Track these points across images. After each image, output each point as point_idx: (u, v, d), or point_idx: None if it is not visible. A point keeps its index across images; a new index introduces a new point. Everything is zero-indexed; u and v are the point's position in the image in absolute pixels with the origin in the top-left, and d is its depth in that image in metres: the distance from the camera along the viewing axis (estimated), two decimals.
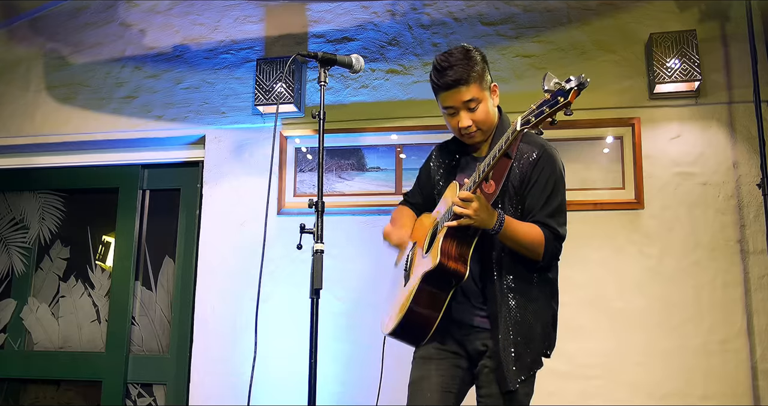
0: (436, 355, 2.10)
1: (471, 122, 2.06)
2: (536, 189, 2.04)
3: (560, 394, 2.98)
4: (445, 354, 2.10)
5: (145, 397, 3.66)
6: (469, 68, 2.01)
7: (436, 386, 2.06)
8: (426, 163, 2.36)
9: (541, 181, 2.04)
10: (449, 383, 2.07)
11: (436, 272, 1.95)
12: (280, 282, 3.34)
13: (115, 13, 3.89)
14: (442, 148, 2.32)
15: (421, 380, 2.09)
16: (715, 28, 3.21)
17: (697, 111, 3.17)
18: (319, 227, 2.02)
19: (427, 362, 2.11)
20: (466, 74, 2.01)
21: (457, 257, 1.96)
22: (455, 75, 2.01)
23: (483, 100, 2.06)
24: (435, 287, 2.00)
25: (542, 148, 2.08)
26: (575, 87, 1.66)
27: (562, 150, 3.26)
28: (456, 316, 2.07)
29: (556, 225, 2.04)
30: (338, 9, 3.61)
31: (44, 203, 4.02)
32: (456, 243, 1.98)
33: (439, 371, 2.08)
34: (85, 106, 3.82)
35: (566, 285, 3.05)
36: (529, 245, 2.00)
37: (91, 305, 3.84)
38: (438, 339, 2.08)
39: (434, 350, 2.11)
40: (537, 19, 3.39)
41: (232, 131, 3.63)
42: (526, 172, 2.05)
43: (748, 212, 3.04)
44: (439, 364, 2.09)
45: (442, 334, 2.07)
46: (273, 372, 3.20)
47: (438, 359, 2.10)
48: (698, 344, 2.97)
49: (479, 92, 2.04)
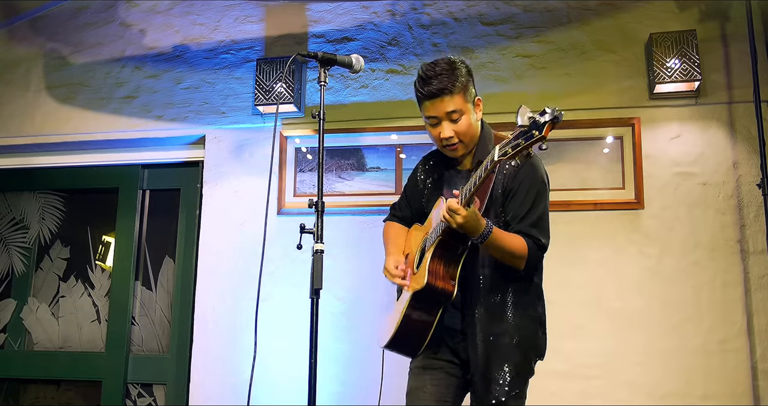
0: (430, 365, 2.12)
1: (453, 133, 2.06)
2: (518, 199, 2.04)
3: (560, 394, 2.98)
4: (439, 363, 2.11)
5: (145, 397, 3.66)
6: (453, 79, 2.02)
7: (430, 396, 2.08)
8: (413, 175, 2.37)
9: (522, 190, 2.04)
10: (444, 393, 2.09)
11: (424, 292, 1.99)
12: (280, 282, 3.34)
13: (115, 13, 3.88)
14: (426, 159, 2.34)
15: (417, 390, 2.12)
16: (715, 28, 3.21)
17: (697, 111, 3.17)
18: (319, 227, 2.02)
19: (422, 373, 2.13)
20: (450, 84, 2.01)
21: (444, 275, 2.00)
22: (440, 84, 2.01)
23: (466, 113, 2.06)
24: (424, 304, 2.04)
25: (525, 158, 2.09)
26: (549, 121, 1.64)
27: (562, 150, 3.30)
28: (448, 323, 2.09)
29: (539, 235, 2.03)
30: (338, 9, 3.61)
31: (44, 203, 4.02)
32: (443, 262, 2.01)
33: (434, 382, 2.10)
34: (85, 106, 3.82)
35: (566, 285, 3.08)
36: (513, 254, 1.99)
37: (91, 305, 3.84)
38: (432, 349, 2.10)
39: (429, 360, 2.13)
40: (537, 19, 3.39)
41: (232, 131, 3.63)
42: (508, 182, 2.06)
43: (748, 212, 3.04)
44: (434, 374, 2.11)
45: (437, 343, 2.10)
46: (273, 372, 3.20)
47: (432, 369, 2.11)
48: (698, 344, 2.97)
49: (463, 104, 2.05)
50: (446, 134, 2.06)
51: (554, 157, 3.24)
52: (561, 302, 3.07)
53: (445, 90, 2.01)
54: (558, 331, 3.03)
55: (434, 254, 2.00)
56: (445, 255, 2.01)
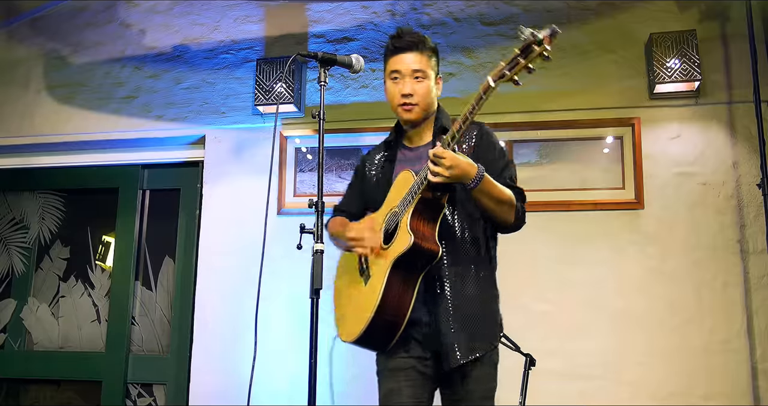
0: (402, 365, 2.06)
1: (413, 91, 2.09)
2: (491, 157, 2.07)
3: (560, 394, 2.98)
4: (410, 362, 2.06)
5: (145, 397, 3.66)
6: (424, 41, 2.12)
7: (408, 398, 2.03)
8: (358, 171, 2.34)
9: (492, 150, 2.10)
10: (419, 393, 2.04)
11: (409, 254, 1.91)
12: (280, 282, 3.34)
13: (115, 13, 3.88)
14: (369, 154, 2.34)
15: (392, 393, 2.05)
16: (715, 28, 3.21)
17: (697, 111, 3.17)
18: (319, 227, 2.01)
19: (394, 374, 2.07)
20: (421, 44, 2.10)
21: (428, 235, 1.95)
22: (411, 39, 2.10)
23: (428, 79, 2.11)
24: (406, 272, 1.96)
25: (479, 125, 2.14)
26: (549, 34, 1.69)
27: (562, 150, 3.30)
28: (413, 316, 2.01)
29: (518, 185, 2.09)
30: (338, 9, 3.61)
31: (44, 203, 4.02)
32: (424, 222, 1.96)
33: (408, 383, 2.04)
34: (85, 106, 3.82)
35: (566, 285, 3.08)
36: (505, 200, 1.99)
37: (91, 305, 3.84)
38: (401, 347, 2.05)
39: (398, 360, 2.06)
40: (537, 19, 3.39)
41: (232, 131, 3.63)
42: (474, 148, 2.09)
43: (748, 212, 3.04)
44: (407, 374, 2.05)
45: (405, 340, 2.04)
46: (273, 372, 3.20)
47: (404, 369, 2.06)
48: (698, 344, 2.97)
49: (427, 68, 2.11)
50: (407, 90, 2.09)
51: (554, 157, 3.24)
52: (561, 302, 3.08)
53: (415, 46, 2.10)
54: (558, 331, 3.05)
55: (414, 214, 1.94)
56: (426, 212, 1.95)
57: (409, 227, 1.92)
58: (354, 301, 2.12)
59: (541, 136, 3.28)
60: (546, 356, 2.66)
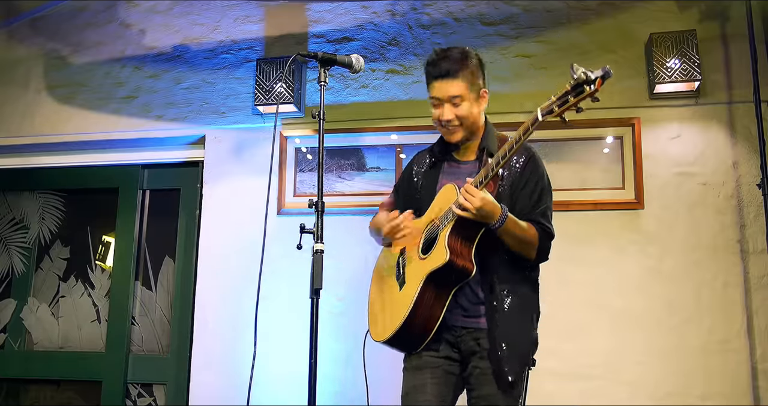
0: (429, 363, 2.09)
1: (453, 116, 2.11)
2: (527, 191, 2.09)
3: (560, 394, 2.98)
4: (438, 361, 2.09)
5: (145, 397, 3.66)
6: (461, 65, 2.09)
7: (432, 396, 2.05)
8: (406, 171, 2.36)
9: (531, 183, 2.10)
10: (445, 392, 2.06)
11: (444, 269, 1.95)
12: (280, 282, 3.34)
13: (115, 13, 3.89)
14: (420, 154, 2.35)
15: (416, 390, 2.07)
16: (715, 28, 3.21)
17: (697, 111, 3.17)
18: (319, 227, 2.02)
19: (420, 372, 2.09)
20: (455, 69, 2.08)
21: (464, 253, 1.98)
22: (446, 66, 2.08)
23: (467, 101, 2.10)
24: (439, 286, 2.00)
25: (529, 151, 2.14)
26: (601, 76, 1.73)
27: (562, 150, 3.30)
28: (447, 318, 2.05)
29: (548, 223, 2.09)
30: (338, 9, 3.62)
31: (44, 203, 4.02)
32: (461, 240, 1.98)
33: (434, 380, 2.07)
34: (85, 106, 3.82)
35: (566, 285, 3.08)
36: (527, 241, 2.03)
37: (91, 305, 3.84)
38: (431, 346, 2.07)
39: (427, 358, 2.09)
40: (537, 19, 3.39)
41: (232, 131, 3.63)
42: (515, 176, 2.09)
43: (748, 212, 3.04)
44: (434, 372, 2.08)
45: (435, 340, 2.06)
46: (273, 372, 3.20)
47: (432, 368, 2.08)
48: (698, 343, 2.97)
49: (465, 91, 2.09)
50: (446, 117, 2.12)
51: (554, 157, 3.24)
52: (561, 302, 3.08)
53: (449, 73, 2.07)
54: (558, 331, 3.05)
55: (452, 231, 1.98)
56: (463, 233, 1.98)
57: (446, 243, 1.96)
58: (387, 305, 2.16)
59: (541, 136, 3.28)
60: (545, 356, 2.65)
